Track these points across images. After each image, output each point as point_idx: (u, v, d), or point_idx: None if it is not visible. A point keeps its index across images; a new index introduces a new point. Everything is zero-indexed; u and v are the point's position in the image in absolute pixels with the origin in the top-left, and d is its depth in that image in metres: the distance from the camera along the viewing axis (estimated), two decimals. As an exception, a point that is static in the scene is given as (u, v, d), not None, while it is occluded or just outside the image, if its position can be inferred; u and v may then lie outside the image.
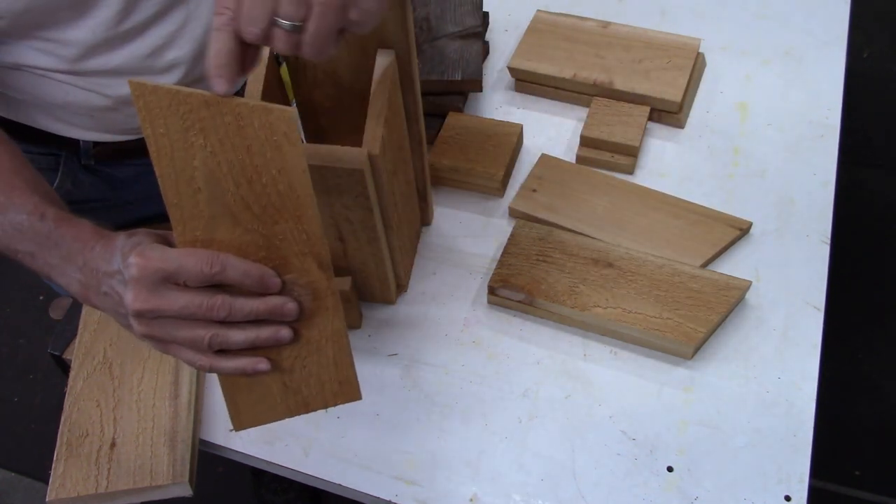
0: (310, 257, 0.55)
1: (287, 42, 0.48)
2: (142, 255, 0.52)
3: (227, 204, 0.52)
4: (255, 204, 0.53)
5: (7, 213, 0.59)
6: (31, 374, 1.75)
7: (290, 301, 0.55)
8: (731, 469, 0.69)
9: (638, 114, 0.93)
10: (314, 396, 0.60)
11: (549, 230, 0.83)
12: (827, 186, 0.88)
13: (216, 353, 0.55)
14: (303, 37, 0.48)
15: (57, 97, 0.75)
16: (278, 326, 0.55)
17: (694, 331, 0.74)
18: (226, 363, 0.55)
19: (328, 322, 0.57)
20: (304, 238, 0.54)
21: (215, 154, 0.51)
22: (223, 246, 0.54)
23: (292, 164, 0.51)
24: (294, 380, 0.59)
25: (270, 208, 0.53)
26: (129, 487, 0.67)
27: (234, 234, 0.54)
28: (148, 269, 0.51)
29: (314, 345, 0.58)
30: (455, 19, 0.99)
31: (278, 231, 0.54)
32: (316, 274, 0.55)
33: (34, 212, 0.58)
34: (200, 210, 0.52)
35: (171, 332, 0.53)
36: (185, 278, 0.52)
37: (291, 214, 0.53)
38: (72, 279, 0.57)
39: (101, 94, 0.75)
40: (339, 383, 0.60)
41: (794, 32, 1.05)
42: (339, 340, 0.58)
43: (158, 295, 0.52)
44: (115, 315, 0.56)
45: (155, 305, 0.52)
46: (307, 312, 0.56)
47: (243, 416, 0.60)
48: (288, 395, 0.60)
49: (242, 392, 0.59)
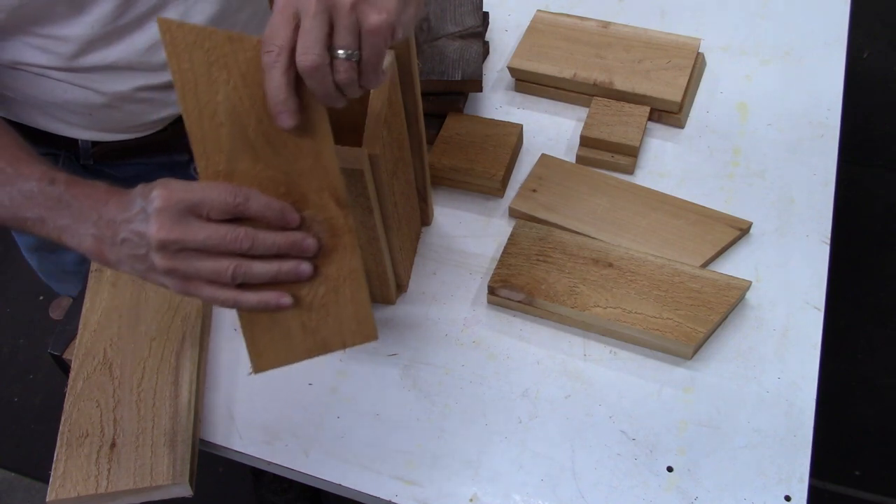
0: (327, 193, 0.56)
1: (347, 72, 0.49)
2: (165, 188, 0.52)
3: (249, 139, 0.54)
4: (276, 139, 0.54)
5: (15, 182, 0.58)
6: (31, 374, 1.75)
7: (310, 237, 0.55)
8: (731, 469, 0.69)
9: (638, 114, 0.93)
10: (333, 336, 0.60)
11: (549, 230, 0.83)
12: (827, 186, 0.88)
13: (238, 288, 0.55)
14: (361, 66, 0.49)
15: (54, 96, 0.75)
16: (299, 261, 0.55)
17: (694, 331, 0.74)
18: (249, 297, 0.55)
19: (346, 260, 0.58)
20: (323, 174, 0.55)
21: (237, 89, 0.52)
22: (244, 180, 0.55)
23: (311, 100, 0.52)
24: (313, 319, 0.59)
25: (291, 144, 0.54)
26: (130, 488, 0.67)
27: (255, 169, 0.55)
28: (172, 199, 0.52)
29: (332, 283, 0.58)
30: (455, 19, 0.99)
31: (298, 167, 0.55)
32: (334, 210, 0.56)
33: (43, 178, 0.58)
34: (222, 145, 0.53)
35: (193, 265, 0.53)
36: (208, 209, 0.52)
37: (311, 150, 0.54)
38: (84, 236, 0.56)
39: (99, 91, 0.75)
40: (357, 322, 0.60)
41: (794, 32, 1.05)
42: (356, 279, 0.59)
43: (182, 225, 0.52)
44: (131, 264, 0.55)
45: (179, 235, 0.52)
46: (325, 250, 0.57)
47: (263, 357, 0.60)
48: (307, 336, 0.60)
49: (263, 333, 0.59)
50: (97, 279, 0.81)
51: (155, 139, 0.83)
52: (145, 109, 0.79)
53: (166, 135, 0.83)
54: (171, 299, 0.79)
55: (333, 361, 0.78)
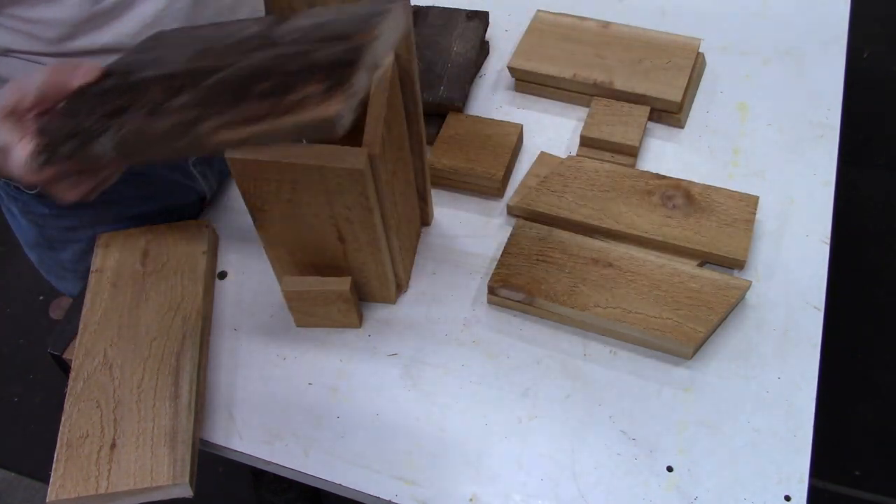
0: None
1: None
2: None
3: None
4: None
5: None
6: (31, 374, 1.75)
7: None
8: (731, 469, 0.69)
9: (638, 114, 0.93)
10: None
11: (549, 230, 0.83)
12: (827, 186, 0.88)
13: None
14: None
15: None
16: None
17: (694, 331, 0.74)
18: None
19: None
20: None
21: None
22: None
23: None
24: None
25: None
26: (130, 488, 0.67)
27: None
28: None
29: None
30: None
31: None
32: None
33: None
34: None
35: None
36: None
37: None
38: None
39: None
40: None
41: (794, 32, 1.05)
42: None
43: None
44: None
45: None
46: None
47: None
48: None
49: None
50: (97, 279, 0.81)
51: None
52: None
53: None
54: (171, 299, 0.79)
55: (334, 361, 0.78)
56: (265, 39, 0.50)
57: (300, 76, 0.43)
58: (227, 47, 0.51)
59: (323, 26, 0.50)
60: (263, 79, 0.44)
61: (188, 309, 0.78)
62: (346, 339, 0.80)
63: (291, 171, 0.65)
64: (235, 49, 0.50)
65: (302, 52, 0.46)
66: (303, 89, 0.42)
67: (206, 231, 0.86)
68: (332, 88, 0.41)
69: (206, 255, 0.83)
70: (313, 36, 0.48)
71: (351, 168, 0.63)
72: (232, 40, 0.52)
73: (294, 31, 0.50)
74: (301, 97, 0.42)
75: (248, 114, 0.42)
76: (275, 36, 0.51)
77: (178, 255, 0.83)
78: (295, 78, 0.43)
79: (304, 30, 0.50)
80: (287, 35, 0.50)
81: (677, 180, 0.86)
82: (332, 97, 0.41)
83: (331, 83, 0.42)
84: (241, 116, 0.42)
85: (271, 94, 0.43)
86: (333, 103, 0.41)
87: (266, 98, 0.43)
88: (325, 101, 0.41)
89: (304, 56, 0.45)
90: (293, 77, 0.43)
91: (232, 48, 0.51)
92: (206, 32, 0.56)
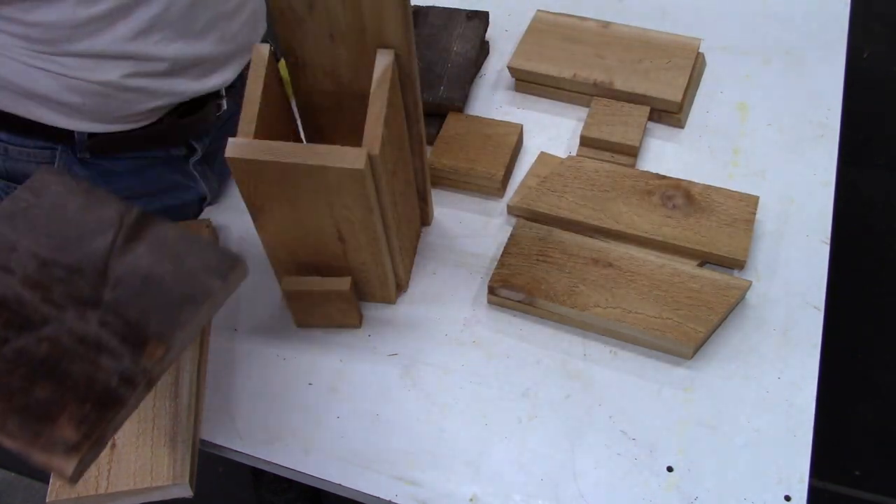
0: None
1: None
2: None
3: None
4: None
5: None
6: (31, 375, 1.75)
7: None
8: (731, 469, 0.69)
9: (638, 114, 0.93)
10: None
11: (548, 230, 0.83)
12: (827, 186, 0.88)
13: None
14: None
15: (45, 85, 0.75)
16: None
17: (694, 331, 0.74)
18: None
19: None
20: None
21: None
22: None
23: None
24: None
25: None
26: (130, 488, 0.67)
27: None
28: None
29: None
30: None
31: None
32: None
33: None
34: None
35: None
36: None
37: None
38: None
39: (88, 79, 0.75)
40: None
41: (794, 32, 1.05)
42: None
43: None
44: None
45: None
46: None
47: None
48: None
49: None
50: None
51: (151, 131, 0.83)
52: (139, 98, 0.79)
53: (162, 127, 0.83)
54: (171, 299, 0.79)
55: (333, 361, 0.78)
56: (97, 281, 0.54)
57: (71, 397, 0.49)
58: (64, 271, 0.55)
59: (148, 287, 0.54)
60: (47, 378, 0.50)
61: (188, 309, 0.78)
62: (346, 339, 0.80)
63: (291, 171, 0.65)
64: (67, 282, 0.54)
65: (98, 348, 0.51)
66: (61, 427, 0.48)
67: (207, 231, 0.85)
68: (79, 440, 0.47)
69: (206, 255, 0.83)
70: (127, 308, 0.53)
71: (351, 168, 0.63)
72: (73, 258, 0.56)
73: (124, 281, 0.54)
74: (53, 440, 0.47)
75: (12, 430, 0.48)
76: (108, 277, 0.55)
77: (178, 255, 0.83)
78: (66, 397, 0.49)
79: (132, 283, 0.54)
80: (115, 284, 0.54)
81: (677, 180, 0.86)
82: (73, 452, 0.47)
83: (83, 433, 0.48)
84: (6, 430, 0.48)
85: (37, 417, 0.48)
86: (74, 459, 0.47)
87: (30, 421, 0.48)
88: (67, 455, 0.47)
89: (95, 356, 0.51)
90: (66, 395, 0.49)
91: (66, 276, 0.55)
92: (72, 209, 0.59)
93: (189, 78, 0.81)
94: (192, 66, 0.81)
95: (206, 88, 0.83)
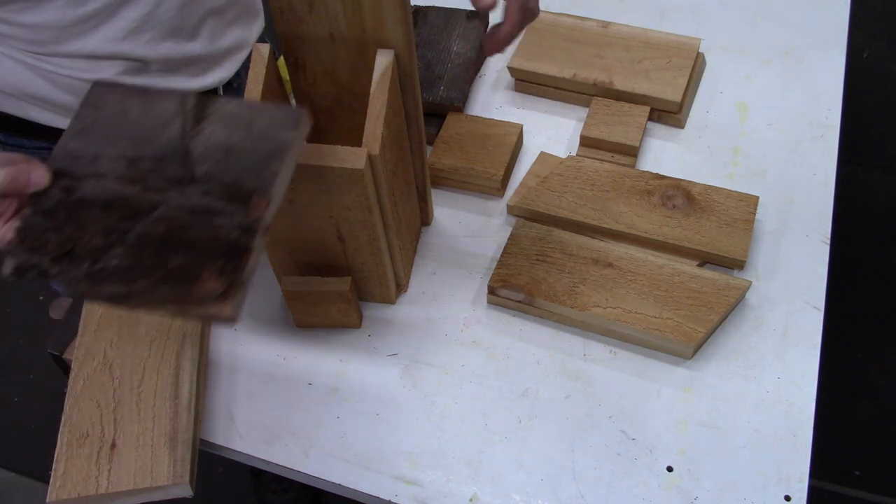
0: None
1: None
2: None
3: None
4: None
5: None
6: (31, 374, 1.75)
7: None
8: (731, 469, 0.69)
9: (638, 114, 0.93)
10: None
11: (548, 230, 0.83)
12: (827, 186, 0.88)
13: None
14: None
15: (40, 86, 0.75)
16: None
17: (694, 331, 0.74)
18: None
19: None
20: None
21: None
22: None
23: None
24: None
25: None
26: (130, 488, 0.67)
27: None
28: None
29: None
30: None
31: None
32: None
33: None
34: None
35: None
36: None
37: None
38: None
39: (82, 79, 0.75)
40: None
41: (794, 32, 1.05)
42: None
43: None
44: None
45: None
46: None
47: None
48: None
49: None
50: (97, 279, 0.81)
51: None
52: None
53: None
54: (171, 299, 0.79)
55: (333, 361, 0.78)
56: (183, 161, 0.58)
57: (204, 258, 0.53)
58: (152, 163, 0.58)
59: (231, 154, 0.57)
60: (176, 250, 0.54)
61: (188, 309, 0.78)
62: (346, 339, 0.80)
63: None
64: (158, 170, 0.58)
65: (210, 212, 0.55)
66: (206, 281, 0.52)
67: (206, 231, 0.85)
68: (227, 287, 0.52)
69: (206, 255, 0.83)
70: (221, 176, 0.56)
71: (351, 168, 0.63)
72: (155, 149, 0.59)
73: (207, 155, 0.58)
74: (204, 294, 0.52)
75: (164, 298, 0.52)
76: (192, 154, 0.58)
77: (178, 255, 0.83)
78: (200, 261, 0.53)
79: (216, 155, 0.58)
80: (201, 159, 0.58)
81: (677, 180, 0.86)
82: (226, 297, 0.52)
83: (226, 280, 0.52)
84: (158, 299, 0.52)
85: (181, 280, 0.52)
86: (229, 304, 0.51)
87: (177, 284, 0.52)
88: (222, 301, 0.51)
89: (210, 220, 0.55)
90: (199, 259, 0.53)
91: (155, 166, 0.58)
92: (134, 112, 0.62)
93: (184, 76, 0.81)
94: (185, 64, 0.81)
95: (202, 86, 0.83)
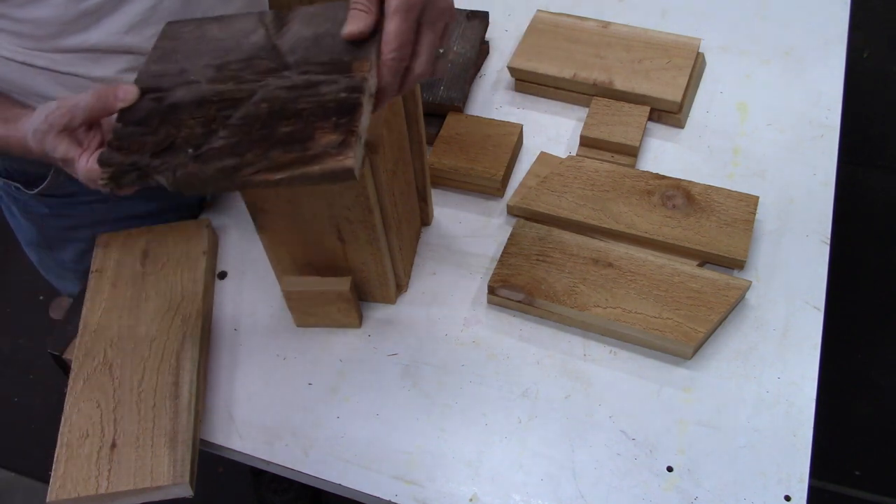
0: None
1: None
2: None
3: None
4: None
5: None
6: (31, 374, 1.75)
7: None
8: (731, 469, 0.69)
9: (638, 114, 0.93)
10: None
11: (548, 230, 0.83)
12: (827, 186, 0.88)
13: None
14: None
15: (42, 84, 0.75)
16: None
17: (694, 331, 0.74)
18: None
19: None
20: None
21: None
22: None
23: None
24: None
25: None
26: (130, 488, 0.67)
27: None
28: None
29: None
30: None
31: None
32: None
33: None
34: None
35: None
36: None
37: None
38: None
39: (84, 76, 0.75)
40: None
41: (794, 32, 1.05)
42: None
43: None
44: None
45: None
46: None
47: None
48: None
49: None
50: (97, 279, 0.81)
51: None
52: None
53: None
54: (170, 299, 0.79)
55: (333, 361, 0.78)
56: (273, 56, 0.57)
57: (315, 120, 0.52)
58: (241, 63, 0.57)
59: (321, 41, 0.57)
60: (283, 119, 0.52)
61: (188, 309, 0.78)
62: (346, 339, 0.80)
63: (291, 170, 0.65)
64: (249, 67, 0.57)
65: (312, 85, 0.54)
66: (321, 138, 0.51)
67: (206, 231, 0.86)
68: (345, 137, 0.50)
69: (205, 255, 0.83)
70: (315, 58, 0.56)
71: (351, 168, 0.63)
72: (242, 53, 0.58)
73: (297, 46, 0.57)
74: (320, 149, 0.50)
75: (279, 161, 0.51)
76: (281, 49, 0.58)
77: (178, 255, 0.83)
78: (311, 123, 0.52)
79: (305, 44, 0.57)
80: (291, 51, 0.57)
81: (677, 180, 0.86)
82: (345, 147, 0.50)
83: (342, 132, 0.50)
84: (273, 163, 0.51)
85: (294, 141, 0.51)
86: (349, 154, 0.49)
87: (290, 145, 0.51)
88: (341, 152, 0.49)
89: (314, 90, 0.53)
90: (309, 121, 0.52)
91: (245, 65, 0.57)
92: (213, 32, 0.61)
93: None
94: None
95: None
